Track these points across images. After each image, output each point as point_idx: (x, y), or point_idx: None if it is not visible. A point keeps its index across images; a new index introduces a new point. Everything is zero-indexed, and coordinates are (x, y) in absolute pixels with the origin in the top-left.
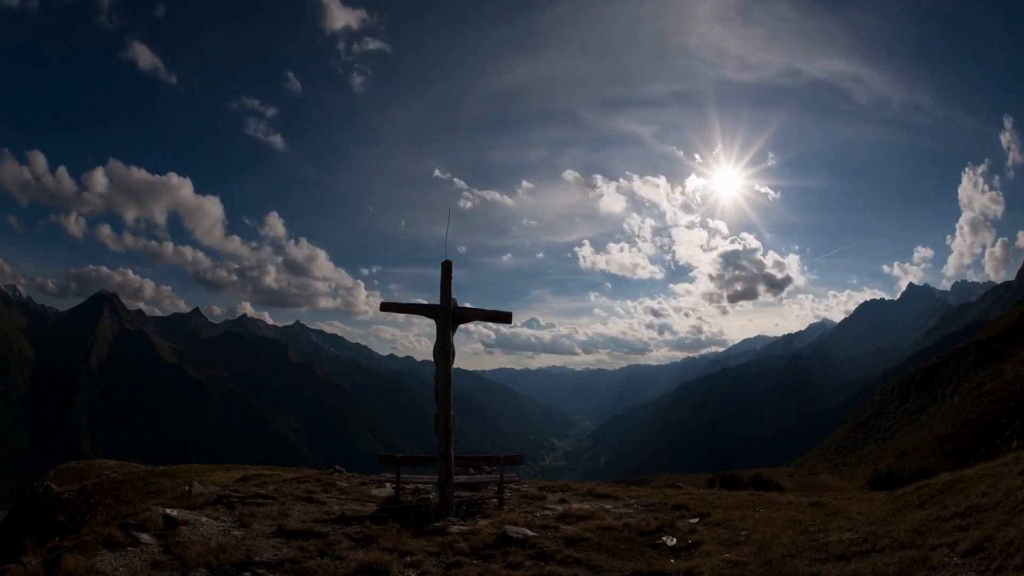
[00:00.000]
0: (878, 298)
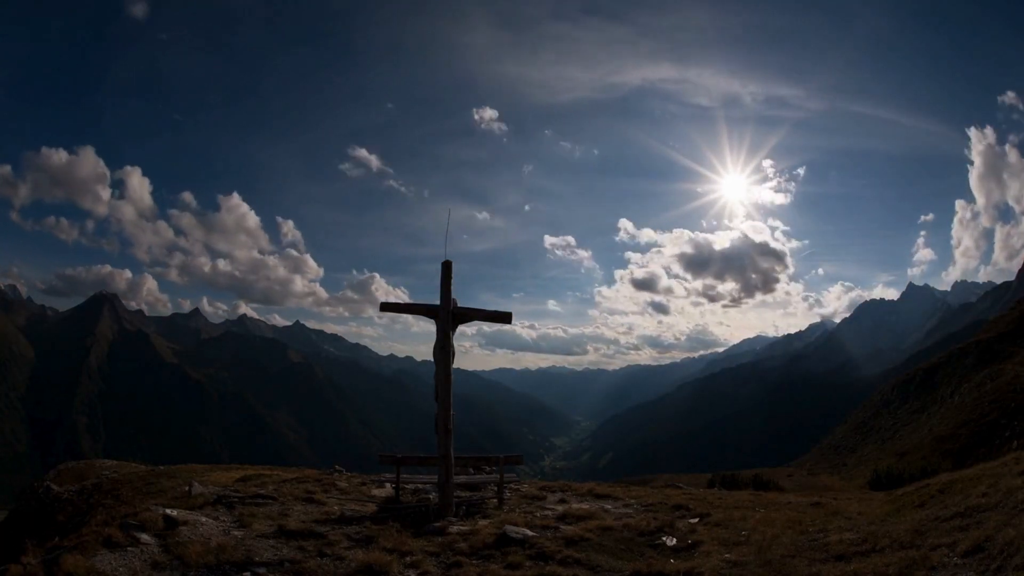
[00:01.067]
0: (877, 298)
